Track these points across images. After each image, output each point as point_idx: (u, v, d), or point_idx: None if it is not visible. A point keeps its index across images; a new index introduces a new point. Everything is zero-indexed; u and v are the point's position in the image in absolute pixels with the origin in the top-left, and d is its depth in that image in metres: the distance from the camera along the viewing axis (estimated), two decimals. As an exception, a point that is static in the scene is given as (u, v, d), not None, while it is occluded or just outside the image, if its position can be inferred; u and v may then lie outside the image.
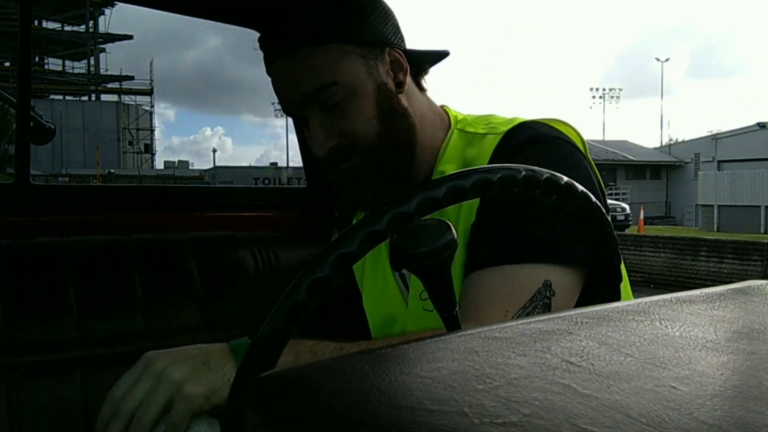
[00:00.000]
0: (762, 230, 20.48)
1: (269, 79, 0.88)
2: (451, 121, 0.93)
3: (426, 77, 0.94)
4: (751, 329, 0.38)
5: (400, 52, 0.87)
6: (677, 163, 32.21)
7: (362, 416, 0.27)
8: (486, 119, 0.92)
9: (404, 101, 0.86)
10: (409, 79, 0.88)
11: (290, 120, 0.93)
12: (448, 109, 0.96)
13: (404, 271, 0.86)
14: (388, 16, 0.87)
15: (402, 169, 0.86)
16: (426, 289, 0.61)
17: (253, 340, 0.43)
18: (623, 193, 28.42)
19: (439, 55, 0.95)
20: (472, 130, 0.90)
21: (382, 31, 0.85)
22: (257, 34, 1.49)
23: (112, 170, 35.74)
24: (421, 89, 0.92)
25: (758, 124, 27.57)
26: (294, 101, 0.83)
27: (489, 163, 0.80)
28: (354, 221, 0.91)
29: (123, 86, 41.47)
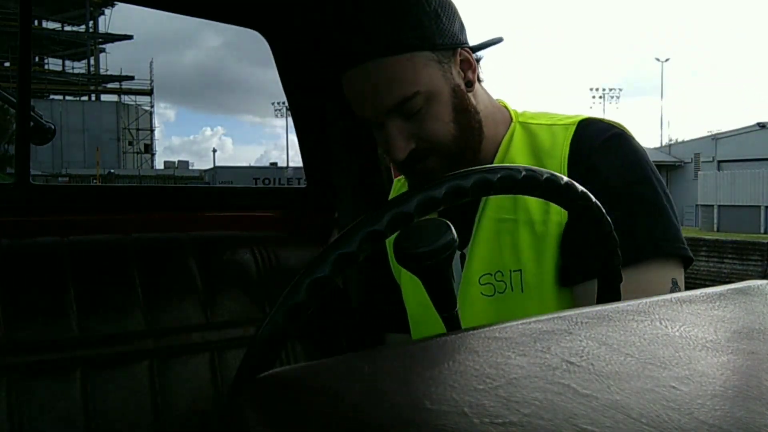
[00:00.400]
0: (762, 230, 20.48)
1: (269, 80, 0.89)
2: (511, 115, 0.95)
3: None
4: (751, 329, 0.38)
5: (469, 51, 0.88)
6: (677, 163, 32.20)
7: (362, 416, 0.27)
8: (545, 114, 0.94)
9: (473, 99, 0.88)
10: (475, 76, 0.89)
11: (290, 120, 0.94)
12: (505, 104, 0.97)
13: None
14: (454, 14, 0.87)
15: (472, 158, 0.88)
16: (426, 289, 0.61)
17: (253, 340, 0.43)
18: (623, 193, 28.26)
19: (494, 43, 0.95)
20: (536, 122, 0.92)
21: (453, 31, 0.85)
22: (257, 35, 1.50)
23: (112, 170, 35.74)
24: (479, 81, 0.93)
25: (758, 124, 27.55)
26: (375, 112, 0.83)
27: (570, 155, 0.84)
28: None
29: (123, 86, 41.48)
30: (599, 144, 0.84)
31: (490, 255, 0.86)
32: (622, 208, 0.77)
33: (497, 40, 0.95)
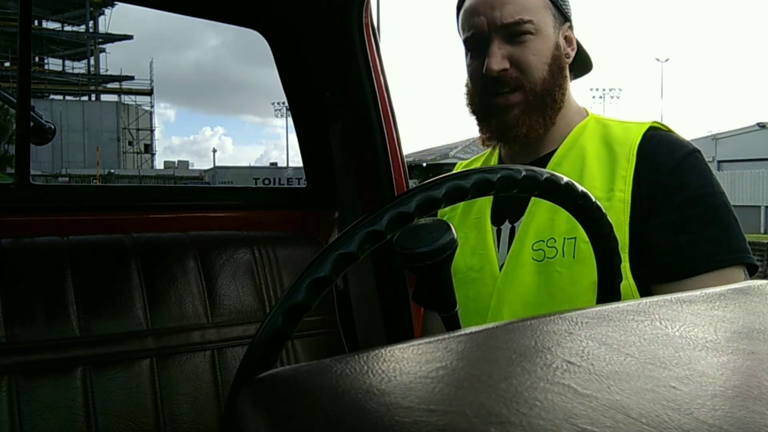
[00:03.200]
0: (762, 230, 20.48)
1: (269, 80, 0.89)
2: (587, 114, 1.06)
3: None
4: (751, 329, 0.38)
5: (572, 34, 1.02)
6: (677, 163, 32.09)
7: (362, 416, 0.27)
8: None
9: (567, 71, 1.00)
10: (572, 53, 1.01)
11: (290, 120, 0.94)
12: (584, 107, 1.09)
13: (501, 226, 1.00)
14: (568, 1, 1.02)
15: (545, 125, 0.98)
16: (426, 288, 0.61)
17: (253, 340, 0.43)
18: (623, 193, 28.33)
19: (584, 67, 1.09)
20: (610, 120, 1.03)
21: (568, 8, 1.00)
22: (257, 34, 1.50)
23: (111, 170, 35.73)
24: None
25: (758, 124, 27.55)
26: (487, 25, 0.94)
27: (638, 149, 0.92)
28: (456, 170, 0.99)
29: (123, 86, 41.47)
30: (680, 157, 0.92)
31: (546, 224, 0.94)
32: (698, 221, 0.88)
33: (589, 68, 1.09)
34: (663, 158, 0.91)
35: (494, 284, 0.96)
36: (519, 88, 0.95)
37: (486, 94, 0.98)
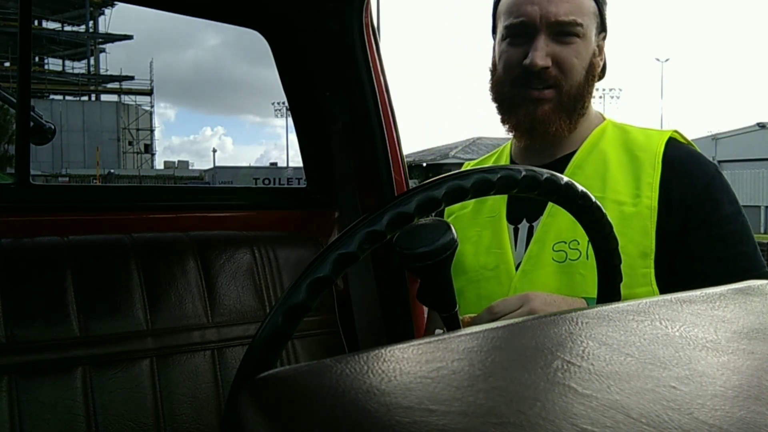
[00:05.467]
0: (762, 230, 20.47)
1: (269, 80, 0.89)
2: (603, 118, 1.08)
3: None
4: (751, 329, 0.38)
5: (604, 44, 1.04)
6: (677, 163, 32.11)
7: (362, 416, 0.27)
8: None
9: (596, 79, 1.03)
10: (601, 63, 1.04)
11: (290, 120, 0.94)
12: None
13: (519, 225, 1.00)
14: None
15: (570, 127, 0.99)
16: (426, 288, 0.61)
17: (253, 340, 0.43)
18: (623, 193, 28.34)
19: (601, 76, 1.10)
20: (629, 125, 1.04)
21: (605, 19, 1.03)
22: (257, 34, 1.50)
23: (111, 170, 35.72)
24: None
25: (758, 124, 27.54)
26: (542, 18, 0.93)
27: (663, 157, 0.94)
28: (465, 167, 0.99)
29: (123, 86, 41.46)
30: (712, 174, 0.95)
31: (568, 225, 0.92)
32: (736, 236, 0.93)
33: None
34: (696, 171, 0.94)
35: (510, 284, 0.96)
36: (556, 87, 0.96)
37: (519, 86, 0.97)
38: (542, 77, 0.94)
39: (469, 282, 1.01)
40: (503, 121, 1.03)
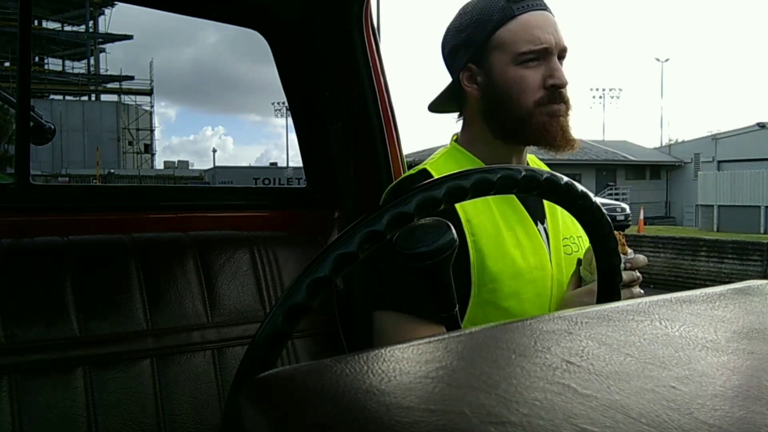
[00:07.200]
0: (762, 230, 20.48)
1: (269, 79, 0.89)
2: None
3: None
4: (751, 329, 0.38)
5: None
6: (677, 163, 32.16)
7: (362, 416, 0.27)
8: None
9: None
10: None
11: (290, 120, 0.94)
12: None
13: (540, 226, 1.08)
14: None
15: (563, 140, 1.08)
16: (426, 288, 0.61)
17: (253, 340, 0.43)
18: (623, 193, 28.43)
19: None
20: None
21: None
22: (257, 34, 1.50)
23: (111, 170, 35.70)
24: None
25: (758, 124, 27.53)
26: (554, 44, 1.03)
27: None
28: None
29: (123, 86, 41.43)
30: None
31: (562, 224, 1.09)
32: None
33: None
34: None
35: (551, 284, 1.05)
36: (564, 102, 1.06)
37: (545, 104, 1.04)
38: (562, 94, 1.05)
39: (526, 283, 1.05)
40: (529, 140, 1.07)
